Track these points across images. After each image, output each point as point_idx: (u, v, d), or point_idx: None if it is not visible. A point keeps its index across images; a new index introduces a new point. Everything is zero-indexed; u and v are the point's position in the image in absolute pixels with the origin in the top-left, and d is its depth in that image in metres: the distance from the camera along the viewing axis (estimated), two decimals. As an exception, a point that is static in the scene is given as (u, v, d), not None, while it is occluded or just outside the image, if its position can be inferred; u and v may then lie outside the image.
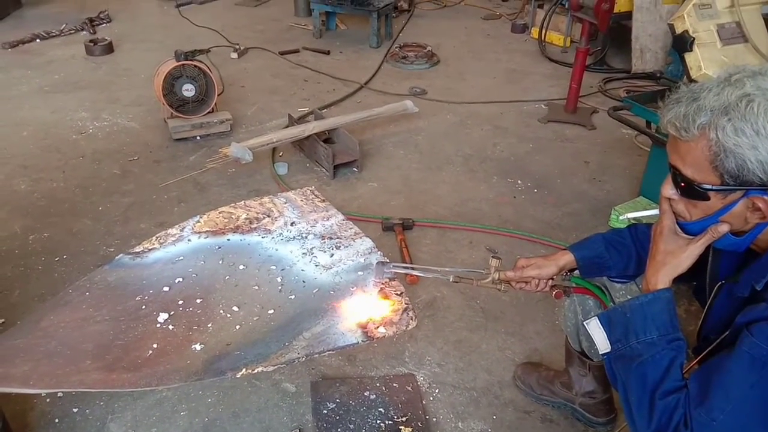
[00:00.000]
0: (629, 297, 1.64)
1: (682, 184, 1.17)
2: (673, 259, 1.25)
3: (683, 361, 1.19)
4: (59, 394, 2.04)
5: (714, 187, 1.12)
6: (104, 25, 5.92)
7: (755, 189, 1.09)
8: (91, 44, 5.18)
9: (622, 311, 1.26)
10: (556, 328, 2.41)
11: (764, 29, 2.41)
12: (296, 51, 5.37)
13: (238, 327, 1.47)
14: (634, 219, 1.39)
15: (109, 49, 5.23)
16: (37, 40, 5.42)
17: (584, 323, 1.32)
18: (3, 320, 2.35)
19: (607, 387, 2.01)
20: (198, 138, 3.81)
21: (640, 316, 1.23)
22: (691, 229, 1.24)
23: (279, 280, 1.65)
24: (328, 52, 5.39)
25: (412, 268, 1.65)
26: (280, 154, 3.67)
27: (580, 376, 2.00)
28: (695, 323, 1.43)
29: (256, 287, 1.62)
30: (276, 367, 1.34)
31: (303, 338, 1.40)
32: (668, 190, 1.22)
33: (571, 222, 3.13)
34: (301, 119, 3.88)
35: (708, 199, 1.14)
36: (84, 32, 5.66)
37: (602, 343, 1.28)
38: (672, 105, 1.14)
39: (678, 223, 1.26)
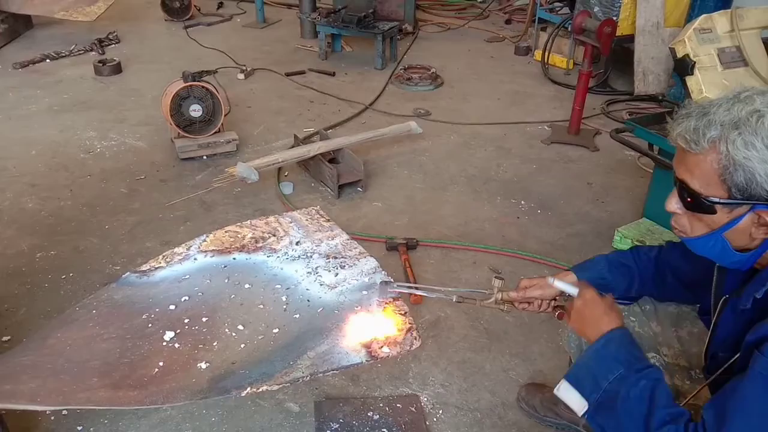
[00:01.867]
0: (632, 318, 1.65)
1: (689, 198, 1.18)
2: (605, 314, 1.34)
3: (667, 389, 1.19)
4: (64, 412, 2.04)
5: (722, 201, 1.13)
6: (113, 45, 6.01)
7: (762, 203, 1.10)
8: (100, 65, 5.26)
9: (584, 364, 1.30)
10: (560, 349, 2.41)
11: (764, 53, 2.44)
12: (302, 72, 5.44)
13: (243, 346, 1.48)
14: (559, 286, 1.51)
15: (117, 69, 5.31)
16: (47, 60, 5.50)
17: (555, 392, 1.33)
18: (9, 337, 2.37)
19: (611, 409, 2.00)
20: (204, 158, 3.84)
21: (601, 359, 1.26)
22: (693, 245, 1.25)
23: (284, 299, 1.67)
24: (333, 74, 5.45)
25: (416, 288, 1.66)
26: (286, 173, 3.71)
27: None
28: (699, 345, 1.43)
29: (261, 306, 1.64)
30: (280, 386, 1.34)
31: (307, 357, 1.41)
32: (673, 204, 1.24)
33: (575, 243, 3.14)
34: (307, 139, 3.92)
35: (714, 212, 1.15)
36: (93, 53, 5.74)
37: (578, 403, 1.28)
38: (682, 119, 1.16)
39: (681, 239, 1.27)
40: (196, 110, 3.77)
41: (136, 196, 3.43)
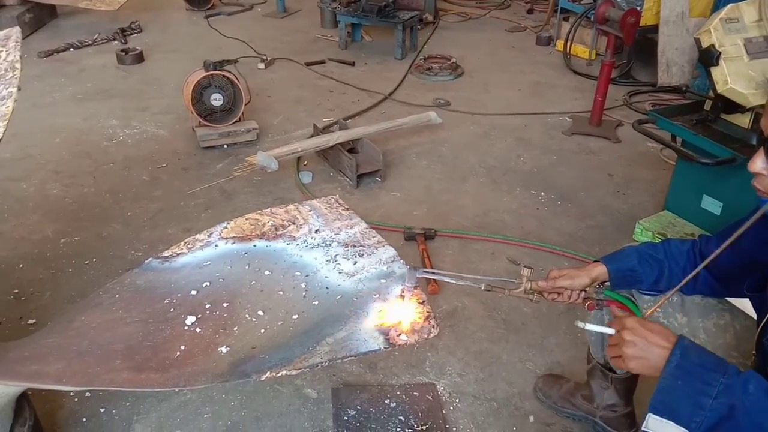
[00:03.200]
0: (659, 310, 1.63)
1: None
2: (657, 332, 1.17)
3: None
4: (87, 394, 2.09)
5: None
6: (135, 35, 6.07)
7: None
8: (123, 53, 5.32)
9: (669, 387, 1.08)
10: (578, 340, 2.41)
11: (793, 43, 2.39)
12: (322, 62, 5.44)
13: (263, 331, 1.50)
14: (589, 331, 1.36)
15: (139, 58, 5.36)
16: (71, 50, 5.58)
17: (643, 430, 1.12)
18: (34, 320, 2.42)
19: (629, 400, 2.00)
20: (225, 146, 3.87)
21: (688, 375, 1.07)
22: None
23: (303, 286, 1.68)
24: (353, 63, 5.45)
25: (444, 275, 1.65)
26: (305, 163, 3.72)
27: (602, 389, 1.99)
28: (725, 336, 1.40)
29: (281, 292, 1.65)
30: (299, 371, 1.36)
31: (326, 343, 1.42)
32: (758, 164, 1.20)
33: (595, 235, 3.12)
34: (326, 129, 3.93)
35: None
36: (116, 42, 5.80)
37: None
38: None
39: (761, 200, 1.24)
40: (217, 99, 3.80)
41: (158, 184, 3.47)
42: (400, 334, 1.44)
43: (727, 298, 1.61)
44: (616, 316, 1.35)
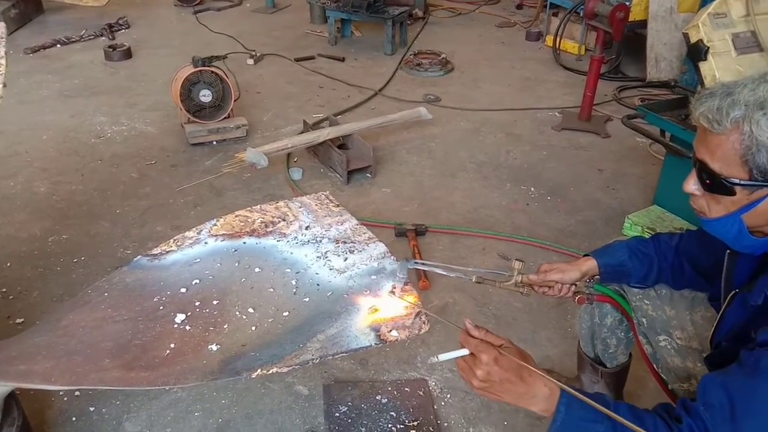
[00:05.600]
0: (647, 302, 1.65)
1: (708, 179, 1.16)
2: (524, 379, 1.16)
3: (638, 413, 1.12)
4: (76, 393, 2.08)
5: (742, 182, 1.12)
6: (123, 31, 6.02)
7: None
8: (110, 50, 5.27)
9: None
10: (568, 335, 2.42)
11: (780, 39, 2.41)
12: (311, 58, 5.43)
13: (253, 328, 1.49)
14: (444, 360, 1.25)
15: (127, 54, 5.31)
16: (58, 46, 5.52)
17: None
18: (22, 319, 2.40)
19: (619, 394, 2.01)
20: (214, 143, 3.85)
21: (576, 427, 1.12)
22: (711, 227, 1.23)
23: (294, 282, 1.67)
24: (342, 59, 5.43)
25: (435, 266, 1.65)
26: (295, 159, 3.71)
27: (592, 383, 2.00)
28: (711, 329, 1.43)
29: (272, 290, 1.65)
30: (290, 368, 1.35)
31: (317, 340, 1.42)
32: (691, 185, 1.22)
33: (585, 230, 3.13)
34: (316, 125, 3.92)
35: (734, 194, 1.14)
36: (103, 38, 5.75)
37: None
38: (705, 99, 1.14)
39: (700, 220, 1.26)
40: (205, 95, 3.78)
41: (146, 181, 3.45)
42: (391, 330, 1.44)
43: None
44: (466, 336, 1.25)
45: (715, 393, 1.09)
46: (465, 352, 1.21)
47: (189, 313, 1.54)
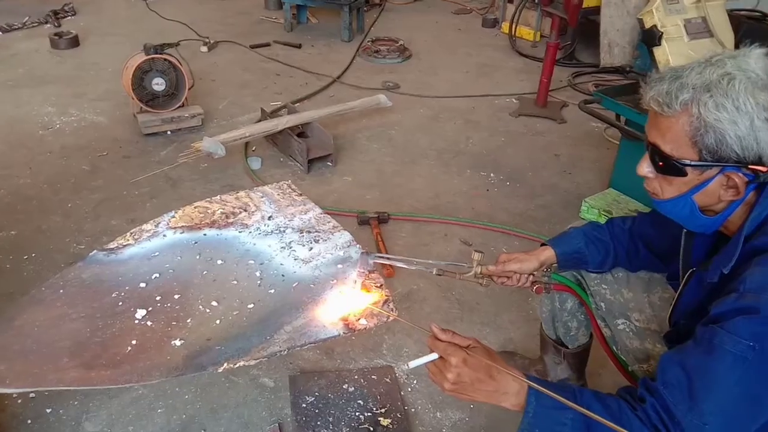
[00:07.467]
0: (605, 286, 1.68)
1: (660, 161, 1.20)
2: (493, 378, 1.17)
3: (603, 398, 1.14)
4: (32, 395, 2.00)
5: (693, 163, 1.15)
6: (69, 18, 5.79)
7: (731, 165, 1.13)
8: (56, 37, 5.06)
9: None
10: (530, 317, 2.46)
11: (728, 25, 2.48)
12: (267, 45, 5.33)
13: (218, 322, 1.46)
14: (415, 367, 1.24)
15: (74, 42, 5.11)
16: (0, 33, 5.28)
17: None
18: (-29, 320, 2.29)
19: (582, 373, 2.06)
20: (169, 133, 3.75)
21: (540, 427, 1.14)
22: (663, 207, 1.27)
23: (258, 274, 1.65)
24: (299, 46, 5.36)
25: (397, 260, 1.66)
26: (253, 148, 3.65)
27: (555, 363, 2.04)
28: (669, 309, 1.47)
29: (235, 282, 1.62)
30: (257, 360, 1.33)
31: (284, 332, 1.40)
32: (644, 168, 1.25)
33: (544, 214, 3.18)
34: (274, 113, 3.86)
35: (685, 175, 1.17)
36: (48, 25, 5.51)
37: None
38: (655, 83, 1.17)
39: (653, 201, 1.29)
40: (159, 84, 3.67)
41: (99, 173, 3.34)
42: (359, 319, 1.43)
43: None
44: (434, 340, 1.24)
45: (674, 371, 1.12)
46: (434, 356, 1.22)
47: (150, 309, 1.50)
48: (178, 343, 1.38)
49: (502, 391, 1.16)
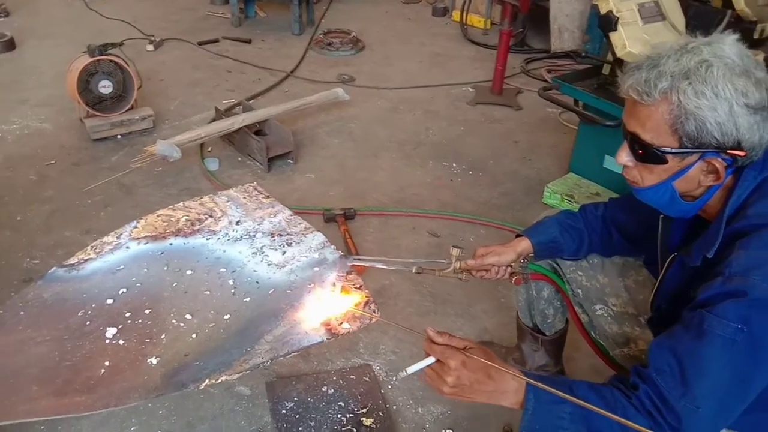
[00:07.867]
0: (580, 273, 1.70)
1: (640, 150, 1.20)
2: (492, 377, 1.16)
3: (597, 388, 1.15)
4: (-6, 422, 1.90)
5: (673, 150, 1.15)
6: (2, 19, 5.50)
7: (711, 151, 1.13)
8: (-11, 41, 4.80)
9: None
10: (503, 305, 2.47)
11: (679, 8, 2.53)
12: (216, 41, 5.19)
13: (194, 336, 1.40)
14: (413, 373, 1.21)
15: (10, 45, 4.86)
16: (-75, 38, 4.96)
17: None
18: None
19: (559, 359, 2.08)
20: (119, 137, 3.61)
21: (541, 414, 1.13)
22: (644, 195, 1.27)
23: (231, 282, 1.59)
24: (249, 41, 5.24)
25: (376, 261, 1.63)
26: (209, 149, 3.55)
27: (533, 351, 2.06)
28: (645, 292, 1.49)
29: (208, 292, 1.55)
30: (240, 374, 1.28)
31: (265, 341, 1.35)
32: (624, 157, 1.25)
33: (507, 201, 3.21)
34: (229, 111, 3.76)
35: (666, 162, 1.18)
36: (-21, 28, 5.23)
37: None
38: (632, 72, 1.16)
39: (633, 189, 1.29)
40: (105, 86, 3.52)
41: (47, 183, 3.18)
42: (341, 323, 1.40)
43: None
44: (430, 344, 1.22)
45: (665, 357, 1.12)
46: (431, 360, 1.20)
47: (120, 326, 1.42)
48: (154, 361, 1.32)
49: (501, 391, 1.15)
